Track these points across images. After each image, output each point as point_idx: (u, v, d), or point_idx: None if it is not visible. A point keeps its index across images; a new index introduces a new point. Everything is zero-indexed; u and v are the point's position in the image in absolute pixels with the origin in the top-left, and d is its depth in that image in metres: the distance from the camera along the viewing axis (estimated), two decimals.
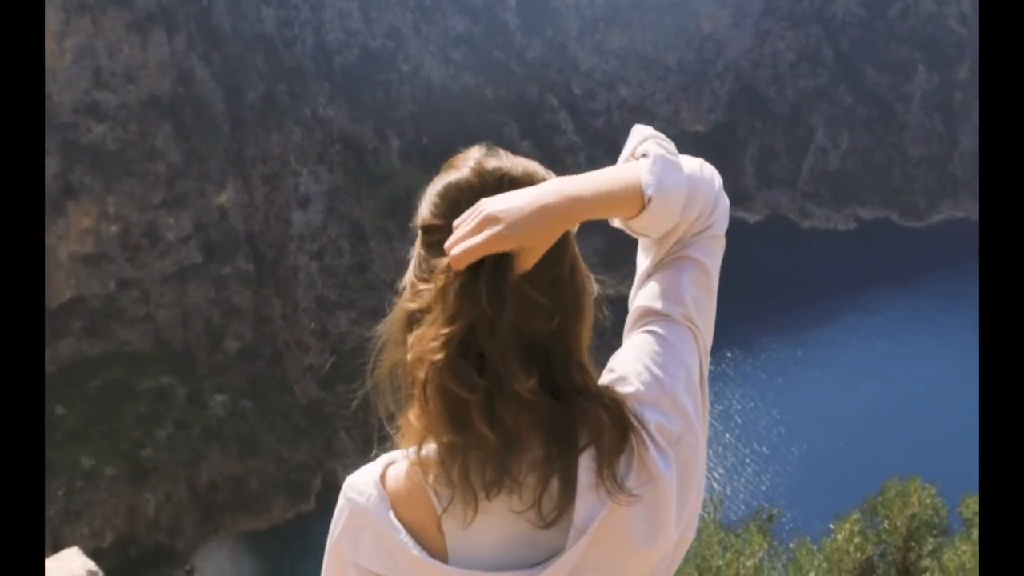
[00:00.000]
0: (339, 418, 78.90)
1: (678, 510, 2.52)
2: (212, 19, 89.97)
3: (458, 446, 2.44)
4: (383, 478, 2.57)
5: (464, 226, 2.48)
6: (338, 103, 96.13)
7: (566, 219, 2.49)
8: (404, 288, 2.63)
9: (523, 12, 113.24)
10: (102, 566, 8.71)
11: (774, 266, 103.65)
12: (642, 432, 2.49)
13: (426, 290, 2.53)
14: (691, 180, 2.67)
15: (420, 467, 2.49)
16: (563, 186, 2.52)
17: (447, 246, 2.48)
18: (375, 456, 2.67)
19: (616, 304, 2.68)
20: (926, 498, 9.87)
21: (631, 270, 2.82)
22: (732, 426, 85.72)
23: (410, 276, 2.63)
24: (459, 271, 2.45)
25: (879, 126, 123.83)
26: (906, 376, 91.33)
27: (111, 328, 77.34)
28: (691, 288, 2.72)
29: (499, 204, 2.47)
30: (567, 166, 70.95)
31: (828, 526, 10.02)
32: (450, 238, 2.48)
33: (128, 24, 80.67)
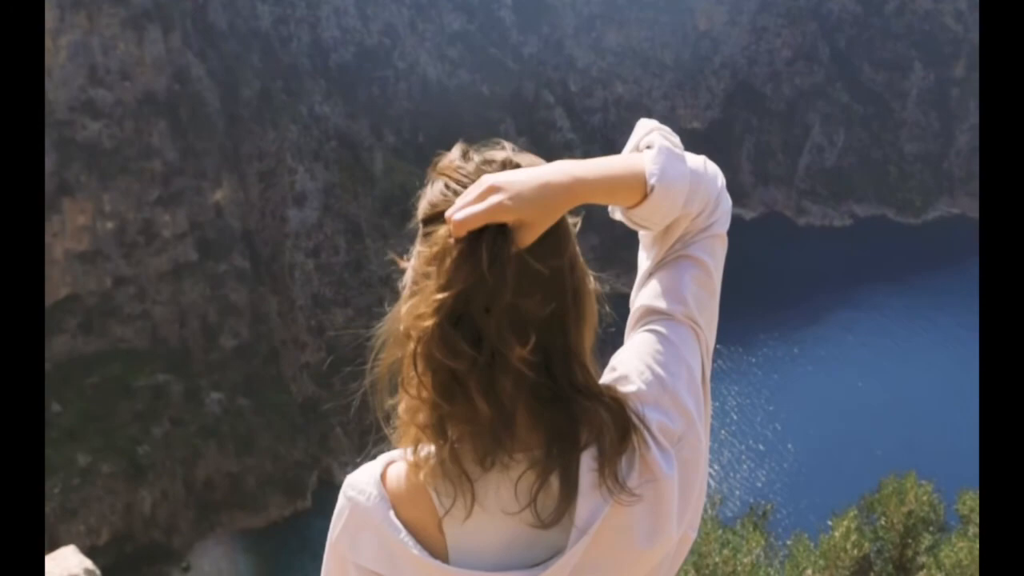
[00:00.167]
0: (336, 415, 78.90)
1: (680, 509, 2.51)
2: (208, 16, 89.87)
3: (447, 419, 2.41)
4: (384, 477, 2.54)
5: (466, 195, 2.45)
6: (334, 100, 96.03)
7: (568, 197, 2.46)
8: (404, 288, 2.57)
9: (519, 9, 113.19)
10: (98, 563, 8.70)
11: (770, 263, 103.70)
12: (644, 431, 2.47)
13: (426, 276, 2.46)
14: (694, 174, 2.67)
15: (417, 467, 2.46)
16: (567, 166, 2.51)
17: (448, 214, 2.43)
18: (372, 454, 2.63)
19: (614, 302, 2.66)
20: (922, 495, 9.89)
21: (625, 268, 2.80)
22: (728, 422, 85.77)
23: (410, 275, 2.57)
24: (459, 238, 2.41)
25: (875, 123, 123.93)
26: (902, 373, 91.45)
27: (107, 325, 77.28)
28: (692, 287, 2.71)
29: (503, 177, 2.46)
30: None
31: (824, 522, 10.04)
32: (451, 207, 2.45)
33: (123, 21, 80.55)
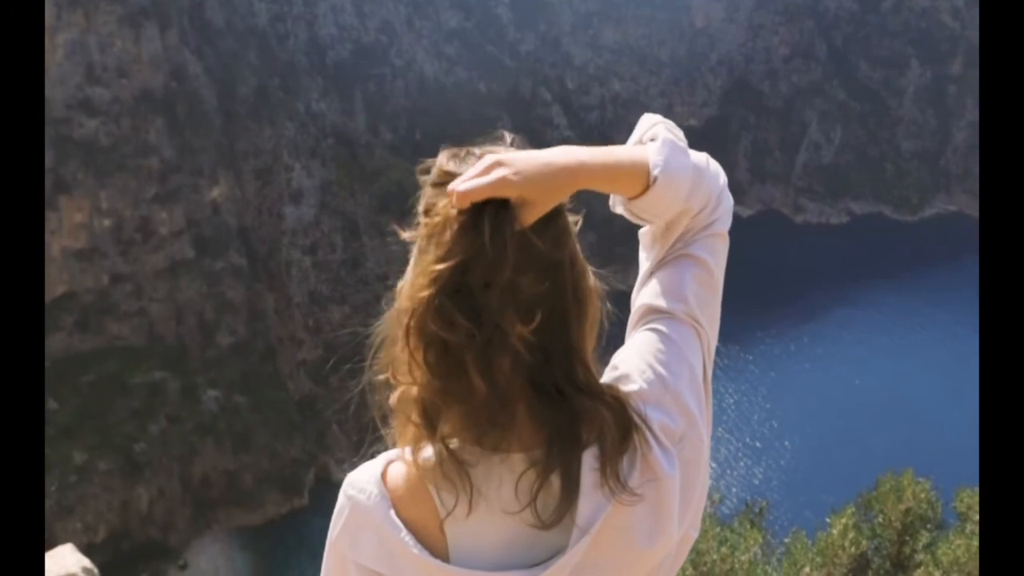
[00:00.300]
0: (333, 413, 78.92)
1: (681, 509, 2.50)
2: (205, 14, 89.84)
3: (441, 399, 2.37)
4: (384, 476, 2.51)
5: (470, 170, 2.42)
6: (331, 98, 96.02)
7: (572, 179, 2.45)
8: (401, 287, 2.50)
9: (516, 6, 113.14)
10: (95, 561, 8.69)
11: (767, 260, 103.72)
12: (645, 431, 2.46)
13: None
14: (697, 169, 2.68)
15: (416, 467, 2.44)
16: (573, 150, 2.50)
17: (450, 188, 2.39)
18: (369, 452, 2.60)
19: (612, 299, 2.66)
20: (920, 492, 9.89)
21: (622, 265, 2.80)
22: (725, 420, 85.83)
23: (410, 274, 2.52)
24: (462, 209, 2.37)
25: (872, 121, 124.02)
26: (899, 370, 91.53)
27: (104, 323, 77.25)
28: (694, 285, 2.71)
29: (507, 155, 2.44)
30: None
31: (822, 520, 10.04)
32: (454, 181, 2.41)
33: (120, 19, 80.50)
